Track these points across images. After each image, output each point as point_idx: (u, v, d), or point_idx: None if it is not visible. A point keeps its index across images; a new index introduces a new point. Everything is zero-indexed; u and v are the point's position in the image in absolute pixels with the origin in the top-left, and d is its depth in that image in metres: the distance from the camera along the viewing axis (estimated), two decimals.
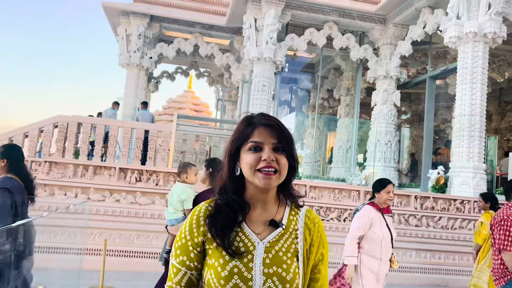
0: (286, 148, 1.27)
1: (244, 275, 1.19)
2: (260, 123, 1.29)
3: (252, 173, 1.24)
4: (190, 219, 1.28)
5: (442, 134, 16.94)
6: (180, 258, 1.25)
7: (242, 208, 1.27)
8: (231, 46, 14.81)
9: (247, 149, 1.26)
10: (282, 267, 1.22)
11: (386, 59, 11.41)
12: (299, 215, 1.34)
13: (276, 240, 1.26)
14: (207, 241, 1.24)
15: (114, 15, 13.30)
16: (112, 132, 10.53)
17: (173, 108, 29.05)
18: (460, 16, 8.31)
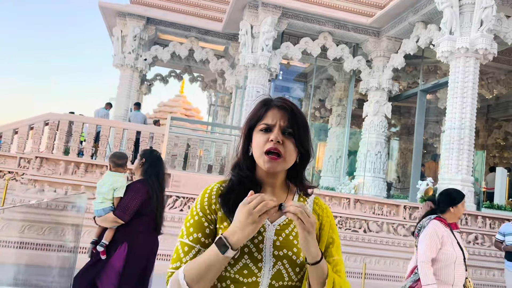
0: (296, 133, 1.25)
1: (254, 255, 1.19)
2: (275, 104, 1.28)
3: (260, 155, 1.24)
4: (201, 197, 1.28)
5: (430, 148, 17.19)
6: (194, 235, 1.22)
7: (254, 187, 1.26)
8: (225, 52, 14.89)
9: (258, 130, 1.27)
10: (292, 250, 1.22)
11: (378, 71, 11.59)
12: (308, 202, 1.35)
13: (286, 224, 1.26)
14: (218, 220, 1.24)
15: (111, 15, 13.30)
16: (103, 132, 10.47)
17: (164, 112, 28.98)
18: (453, 31, 8.50)
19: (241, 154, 1.31)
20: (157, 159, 3.75)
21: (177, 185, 6.92)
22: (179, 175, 7.05)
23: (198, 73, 18.05)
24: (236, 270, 1.18)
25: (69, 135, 9.32)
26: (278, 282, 1.19)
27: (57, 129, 9.37)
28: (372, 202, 7.65)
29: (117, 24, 13.33)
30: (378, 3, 11.94)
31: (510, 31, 8.70)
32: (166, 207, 6.83)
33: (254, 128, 1.29)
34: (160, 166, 3.74)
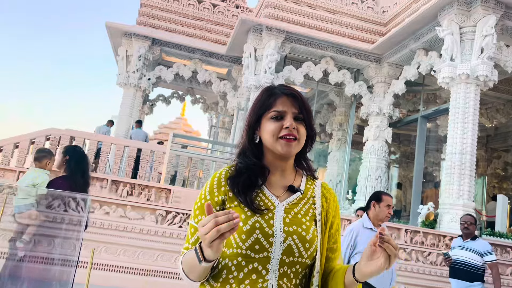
0: (306, 119, 1.32)
1: (265, 230, 1.21)
2: (283, 92, 1.34)
3: (274, 141, 1.28)
4: (211, 180, 1.33)
5: (429, 177, 17.16)
6: (199, 217, 1.28)
7: (262, 171, 1.32)
8: (228, 75, 15.07)
9: (269, 118, 1.31)
10: (301, 227, 1.26)
11: (379, 97, 11.71)
12: (316, 185, 1.40)
13: (294, 203, 1.31)
14: (227, 200, 1.28)
15: (117, 35, 13.52)
16: (104, 148, 10.47)
17: (164, 133, 29.07)
18: (454, 58, 8.65)
19: (246, 141, 1.35)
20: (81, 155, 3.68)
21: (177, 200, 6.87)
22: (179, 190, 7.01)
23: (200, 95, 18.21)
24: (248, 246, 1.20)
25: None
26: (289, 257, 1.22)
27: (58, 144, 9.37)
28: None
29: (122, 44, 13.54)
30: (379, 31, 12.20)
31: (510, 60, 8.85)
32: (165, 223, 6.76)
33: (261, 116, 1.33)
34: (85, 162, 3.66)
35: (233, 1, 15.13)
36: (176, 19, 14.12)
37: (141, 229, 6.63)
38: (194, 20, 14.27)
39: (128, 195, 6.86)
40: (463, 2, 8.61)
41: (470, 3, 8.62)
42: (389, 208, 3.57)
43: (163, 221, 6.73)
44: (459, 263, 4.80)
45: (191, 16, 14.27)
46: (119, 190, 6.85)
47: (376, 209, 3.57)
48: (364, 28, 12.22)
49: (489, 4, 8.40)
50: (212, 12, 14.51)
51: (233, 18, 14.42)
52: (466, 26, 8.65)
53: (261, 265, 1.21)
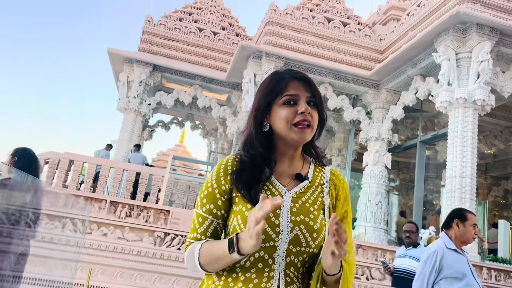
0: (318, 103, 1.28)
1: (271, 220, 1.18)
2: (293, 76, 1.29)
3: (288, 128, 1.23)
4: (217, 168, 1.29)
5: (429, 205, 17.06)
6: (207, 206, 1.25)
7: (268, 164, 1.26)
8: (228, 101, 15.21)
9: (281, 103, 1.25)
10: (309, 216, 1.22)
11: (378, 122, 11.79)
12: (324, 172, 1.36)
13: (302, 192, 1.27)
14: (234, 189, 1.25)
15: (118, 61, 13.72)
16: (103, 172, 10.43)
17: (163, 160, 29.01)
18: (451, 83, 8.78)
19: (252, 129, 1.29)
20: (32, 157, 3.42)
21: (176, 222, 6.79)
22: (178, 212, 6.94)
23: (199, 121, 18.32)
24: None
25: (68, 174, 9.28)
26: (296, 247, 1.19)
27: (56, 168, 9.34)
28: (375, 249, 7.47)
29: (124, 69, 13.73)
30: (377, 58, 12.43)
31: (506, 85, 8.98)
32: (163, 245, 6.65)
33: (272, 103, 1.27)
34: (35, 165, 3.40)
35: (233, 29, 15.47)
36: (177, 46, 14.39)
37: (139, 251, 6.52)
38: (195, 47, 14.53)
39: (126, 216, 6.79)
40: (459, 29, 8.81)
41: (465, 30, 8.82)
42: (475, 228, 3.14)
43: (161, 243, 6.62)
44: (401, 271, 4.68)
45: (192, 44, 14.54)
46: (118, 211, 6.77)
47: (460, 229, 3.11)
48: (362, 55, 12.44)
49: (484, 31, 8.60)
50: (213, 40, 14.80)
51: (233, 45, 14.69)
52: (462, 52, 8.82)
53: (268, 254, 1.18)
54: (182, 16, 15.13)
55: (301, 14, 12.46)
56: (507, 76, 9.05)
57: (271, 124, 1.27)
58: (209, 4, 15.87)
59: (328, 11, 12.93)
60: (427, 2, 10.79)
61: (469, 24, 8.71)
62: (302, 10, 12.79)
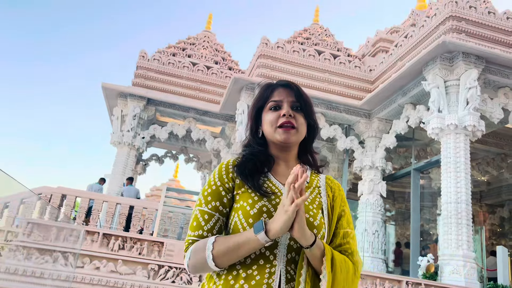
0: (304, 108, 1.34)
1: (273, 214, 1.20)
2: (279, 84, 1.38)
3: (273, 130, 1.30)
4: (218, 168, 1.32)
5: (425, 236, 16.93)
6: (213, 204, 1.26)
7: (267, 159, 1.33)
8: (222, 133, 15.29)
9: (268, 109, 1.34)
10: (309, 213, 1.25)
11: (371, 151, 11.86)
12: (320, 177, 1.41)
13: None
14: (235, 187, 1.28)
15: (112, 96, 13.84)
16: (95, 206, 10.28)
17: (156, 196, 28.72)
18: (441, 109, 8.92)
19: (250, 136, 1.39)
20: None
21: (170, 254, 6.64)
22: (173, 243, 6.80)
23: (193, 154, 18.31)
24: None
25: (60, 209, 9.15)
26: (297, 243, 1.20)
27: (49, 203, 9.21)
28: (373, 277, 7.33)
29: (118, 104, 13.82)
30: (367, 88, 12.67)
31: (495, 111, 9.14)
32: (157, 278, 6.48)
33: (262, 109, 1.36)
34: None
35: (226, 63, 15.77)
36: (171, 80, 14.59)
37: (132, 285, 6.34)
38: (188, 81, 14.74)
39: (119, 249, 6.64)
40: (446, 58, 9.06)
41: (452, 58, 9.07)
42: None
43: (155, 276, 6.46)
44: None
45: (186, 78, 14.76)
46: (111, 244, 6.63)
47: None
48: (353, 86, 12.68)
49: (470, 59, 8.85)
50: (206, 74, 15.04)
51: (226, 79, 14.93)
52: (450, 80, 9.03)
53: (269, 251, 1.18)
54: (175, 51, 15.43)
55: (292, 47, 12.77)
56: (495, 103, 9.23)
57: (263, 129, 1.36)
58: (202, 39, 16.24)
59: (318, 44, 13.27)
60: (414, 33, 11.13)
61: (455, 53, 8.96)
62: (293, 43, 13.11)
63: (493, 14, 10.19)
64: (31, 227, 6.63)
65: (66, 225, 7.03)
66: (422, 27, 10.77)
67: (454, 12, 9.88)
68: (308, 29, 14.06)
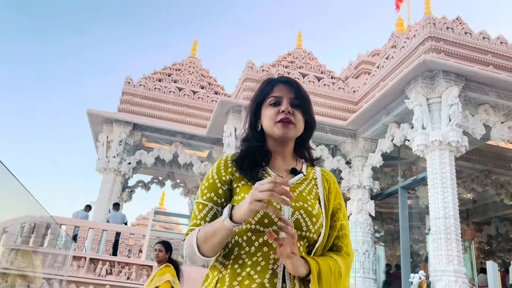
0: (302, 104, 1.38)
1: (273, 204, 1.22)
2: (279, 80, 1.42)
3: (272, 125, 1.34)
4: (217, 164, 1.36)
5: (415, 256, 16.91)
6: (208, 195, 1.31)
7: (265, 154, 1.36)
8: (209, 157, 15.25)
9: (267, 105, 1.38)
10: (307, 203, 1.29)
11: (358, 170, 11.95)
12: (315, 170, 1.45)
13: (298, 183, 1.35)
14: (234, 180, 1.32)
15: (98, 122, 13.76)
16: (81, 234, 10.06)
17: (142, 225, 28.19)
18: (425, 126, 9.10)
19: (249, 130, 1.42)
20: None
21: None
22: None
23: (180, 179, 18.14)
24: (257, 220, 1.21)
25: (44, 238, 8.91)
26: (297, 231, 1.23)
27: (33, 232, 8.98)
28: None
29: (103, 130, 13.73)
30: (352, 108, 12.88)
31: (477, 127, 9.36)
32: None
33: (261, 104, 1.40)
34: None
35: (212, 88, 15.90)
36: (157, 105, 14.60)
37: None
38: (174, 106, 14.78)
39: (107, 274, 6.46)
40: (427, 76, 9.31)
41: (433, 77, 9.33)
42: None
43: None
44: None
45: (172, 102, 14.80)
46: (98, 269, 6.46)
47: None
48: (337, 107, 12.88)
49: (450, 77, 9.11)
50: (192, 98, 15.12)
51: (213, 103, 15.02)
52: (432, 97, 9.26)
53: None
54: (161, 77, 15.52)
55: (277, 71, 12.97)
56: (477, 119, 9.46)
57: (262, 124, 1.39)
58: (187, 65, 16.39)
59: (302, 67, 13.53)
60: (395, 54, 11.45)
61: (436, 72, 9.23)
62: (278, 67, 13.34)
63: (470, 34, 10.59)
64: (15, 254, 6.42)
65: (51, 251, 6.82)
66: (402, 48, 11.10)
67: (432, 33, 10.24)
68: (292, 53, 14.35)
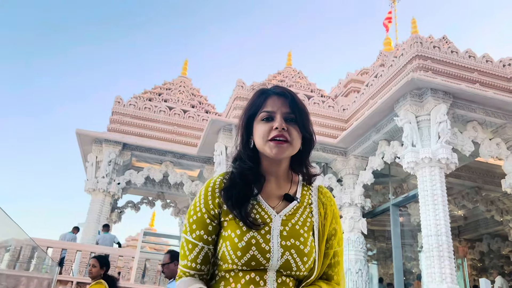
0: (299, 119, 1.24)
1: (262, 246, 1.15)
2: (273, 92, 1.27)
3: (264, 143, 1.20)
4: (204, 191, 1.24)
5: (408, 274, 16.80)
6: (197, 232, 1.20)
7: (257, 179, 1.24)
8: (200, 177, 15.14)
9: (259, 120, 1.23)
10: (299, 240, 1.19)
11: (350, 188, 11.93)
12: (312, 190, 1.32)
13: (291, 213, 1.24)
14: (222, 213, 1.21)
15: (87, 142, 13.63)
16: (68, 256, 9.84)
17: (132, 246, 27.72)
18: (415, 144, 9.15)
19: (241, 146, 1.28)
20: None
21: None
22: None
23: (170, 199, 17.94)
24: (244, 262, 1.15)
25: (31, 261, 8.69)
26: (286, 271, 1.17)
27: (19, 255, 8.76)
28: None
29: (92, 150, 13.59)
30: (342, 126, 12.95)
31: (465, 144, 9.44)
32: None
33: (253, 118, 1.26)
34: None
35: (203, 107, 15.91)
36: (147, 124, 14.54)
37: None
38: (165, 125, 14.72)
39: None
40: (415, 94, 9.41)
41: (421, 94, 9.43)
42: None
43: None
44: None
45: (162, 122, 14.75)
46: None
47: None
48: (328, 125, 12.94)
49: (438, 95, 9.22)
50: (183, 117, 15.08)
51: (203, 122, 15.00)
52: (421, 115, 9.34)
53: (259, 276, 1.15)
54: (151, 97, 15.50)
55: None
56: (465, 136, 9.54)
57: (254, 140, 1.25)
58: (178, 84, 16.42)
59: (292, 86, 13.62)
60: (383, 73, 11.60)
61: (424, 89, 9.34)
62: (268, 86, 13.40)
63: (456, 53, 10.78)
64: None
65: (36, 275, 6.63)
66: (390, 67, 11.25)
67: (420, 51, 10.41)
68: (282, 72, 14.48)
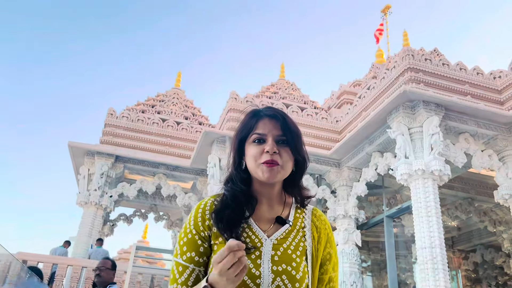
0: (290, 142, 1.22)
1: (252, 272, 1.13)
2: (265, 114, 1.26)
3: (256, 166, 1.20)
4: (195, 213, 1.23)
5: (402, 286, 16.74)
6: (188, 254, 1.17)
7: (249, 202, 1.23)
8: (193, 189, 15.04)
9: (251, 142, 1.23)
10: (291, 265, 1.17)
11: (343, 200, 11.91)
12: (306, 213, 1.30)
13: (283, 237, 1.22)
14: (212, 236, 1.19)
15: (79, 154, 13.51)
16: (59, 271, 9.70)
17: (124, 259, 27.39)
18: (408, 155, 9.18)
19: (233, 168, 1.27)
20: None
21: None
22: None
23: (163, 212, 17.79)
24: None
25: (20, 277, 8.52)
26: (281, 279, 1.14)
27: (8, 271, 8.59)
28: None
29: (85, 162, 13.48)
30: (335, 138, 12.97)
31: (458, 156, 9.48)
32: None
33: (245, 140, 1.26)
34: None
35: (196, 118, 15.88)
36: (140, 136, 14.47)
37: None
38: (158, 137, 14.67)
39: None
40: (408, 106, 9.47)
41: (414, 107, 9.49)
42: None
43: None
44: None
45: (155, 134, 14.69)
46: None
47: None
48: (321, 137, 12.96)
49: (431, 107, 9.28)
50: (176, 129, 15.04)
51: (197, 133, 14.96)
52: (414, 127, 9.39)
53: (253, 283, 1.12)
54: (145, 108, 15.46)
55: (260, 101, 13.05)
56: (458, 148, 9.59)
57: (246, 162, 1.24)
58: (171, 96, 16.41)
59: (285, 98, 13.66)
60: (376, 85, 11.68)
61: (416, 102, 9.40)
62: (261, 97, 13.45)
63: (447, 65, 10.89)
64: None
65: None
66: (383, 79, 11.33)
67: (411, 64, 10.50)
68: (275, 84, 14.52)
